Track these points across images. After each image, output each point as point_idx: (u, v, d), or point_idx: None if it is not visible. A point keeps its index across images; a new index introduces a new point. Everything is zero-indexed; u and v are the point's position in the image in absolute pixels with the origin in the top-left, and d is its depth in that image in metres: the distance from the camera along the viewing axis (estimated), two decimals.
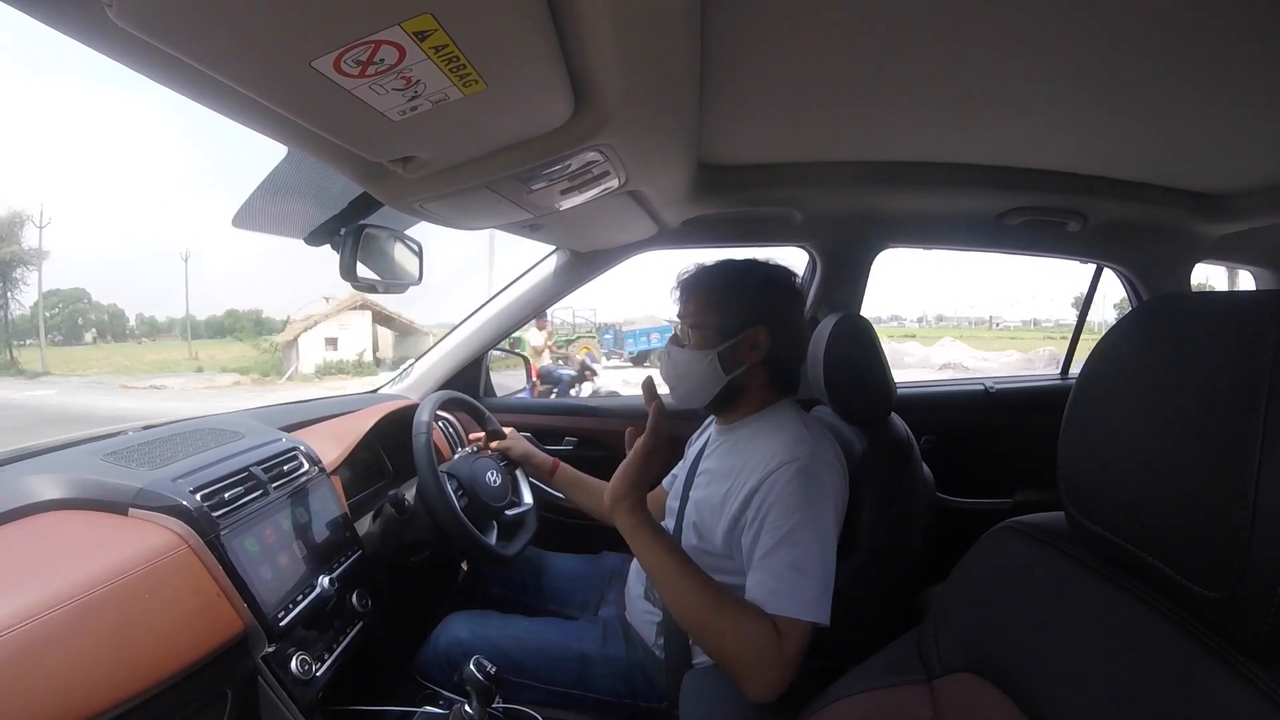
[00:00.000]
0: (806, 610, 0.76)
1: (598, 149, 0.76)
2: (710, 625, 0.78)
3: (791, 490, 0.81)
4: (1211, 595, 0.36)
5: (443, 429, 1.46)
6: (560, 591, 1.22)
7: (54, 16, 0.43)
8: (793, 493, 0.81)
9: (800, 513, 0.80)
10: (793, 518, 0.80)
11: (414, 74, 0.48)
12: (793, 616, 0.76)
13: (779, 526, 0.80)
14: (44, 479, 0.75)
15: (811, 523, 0.80)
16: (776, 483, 0.83)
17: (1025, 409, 1.67)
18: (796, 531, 0.80)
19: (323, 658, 0.83)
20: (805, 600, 0.77)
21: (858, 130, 1.07)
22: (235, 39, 0.43)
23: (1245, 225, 1.41)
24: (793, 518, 0.80)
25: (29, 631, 0.54)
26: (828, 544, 0.81)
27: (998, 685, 0.50)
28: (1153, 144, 1.09)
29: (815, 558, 0.79)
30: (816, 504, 0.81)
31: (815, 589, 0.78)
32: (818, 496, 0.82)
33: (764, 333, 0.93)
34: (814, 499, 0.81)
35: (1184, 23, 0.69)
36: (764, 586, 0.79)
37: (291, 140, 0.65)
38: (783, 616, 0.76)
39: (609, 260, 1.59)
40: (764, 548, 0.81)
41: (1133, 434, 0.43)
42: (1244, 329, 0.37)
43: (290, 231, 1.02)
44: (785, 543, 0.80)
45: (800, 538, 0.79)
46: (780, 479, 0.83)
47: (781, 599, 0.77)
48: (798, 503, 0.81)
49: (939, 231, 1.55)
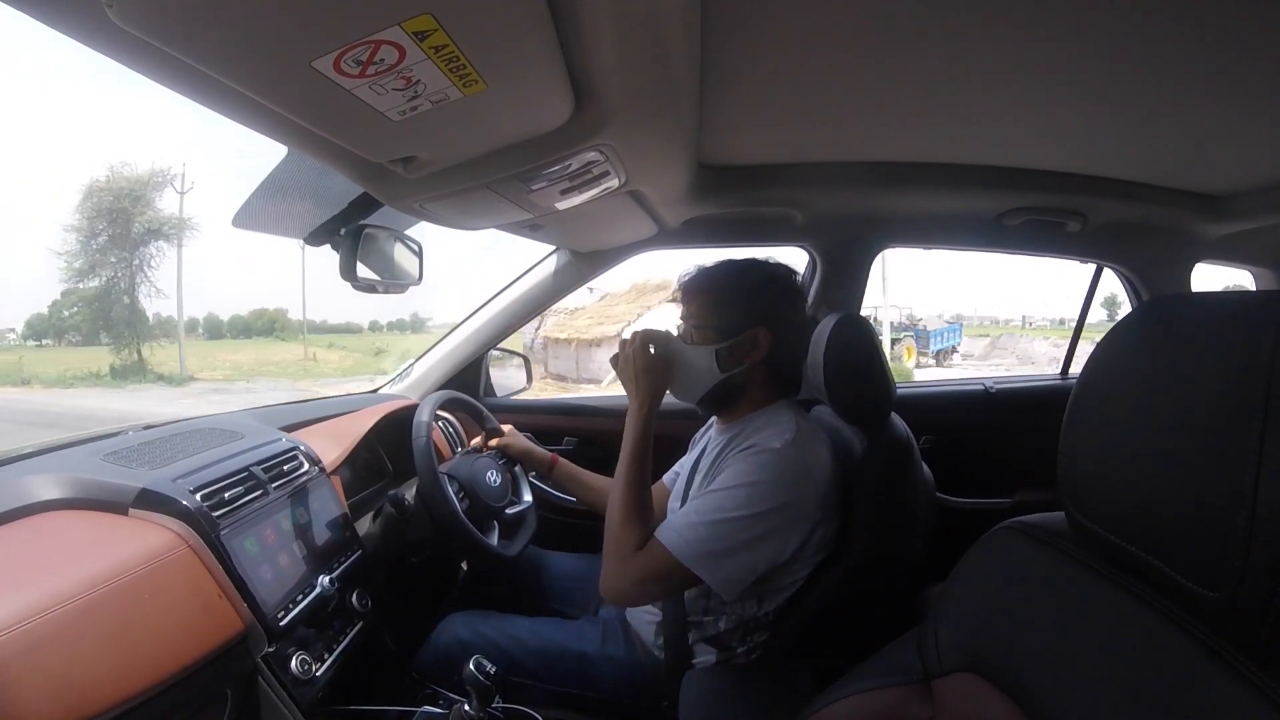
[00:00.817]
0: (683, 552, 0.82)
1: (598, 149, 0.76)
2: (613, 507, 0.90)
3: (748, 466, 0.85)
4: (1211, 595, 0.36)
5: (443, 429, 1.46)
6: (560, 591, 1.23)
7: (54, 16, 0.43)
8: (747, 467, 0.85)
9: (740, 481, 0.84)
10: (730, 482, 0.85)
11: (414, 74, 0.48)
12: (661, 541, 0.84)
13: (717, 485, 0.86)
14: (44, 479, 0.75)
15: (745, 495, 0.83)
16: (743, 455, 0.87)
17: (1025, 409, 1.67)
18: (726, 493, 0.84)
19: (323, 657, 0.83)
20: (684, 538, 0.83)
21: (858, 130, 1.07)
22: (235, 39, 0.43)
23: (1245, 225, 1.41)
24: (730, 482, 0.85)
25: (29, 631, 0.54)
26: (753, 521, 0.83)
27: (997, 685, 0.50)
28: (1153, 144, 1.09)
29: (726, 520, 0.82)
30: (763, 486, 0.83)
31: (700, 538, 0.82)
32: (769, 481, 0.83)
33: (764, 333, 0.94)
34: (762, 481, 0.83)
35: (1184, 23, 0.69)
36: (671, 518, 0.88)
37: (292, 140, 0.65)
38: (659, 543, 0.84)
39: (609, 260, 1.59)
40: (696, 493, 0.89)
41: (1133, 434, 0.43)
42: (1244, 329, 0.37)
43: (290, 231, 1.02)
44: (710, 496, 0.85)
45: (725, 499, 0.83)
46: (745, 454, 0.87)
47: (669, 532, 0.84)
48: (745, 475, 0.84)
49: (939, 232, 1.55)
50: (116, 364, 16.75)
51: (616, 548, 0.88)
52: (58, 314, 19.42)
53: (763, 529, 0.83)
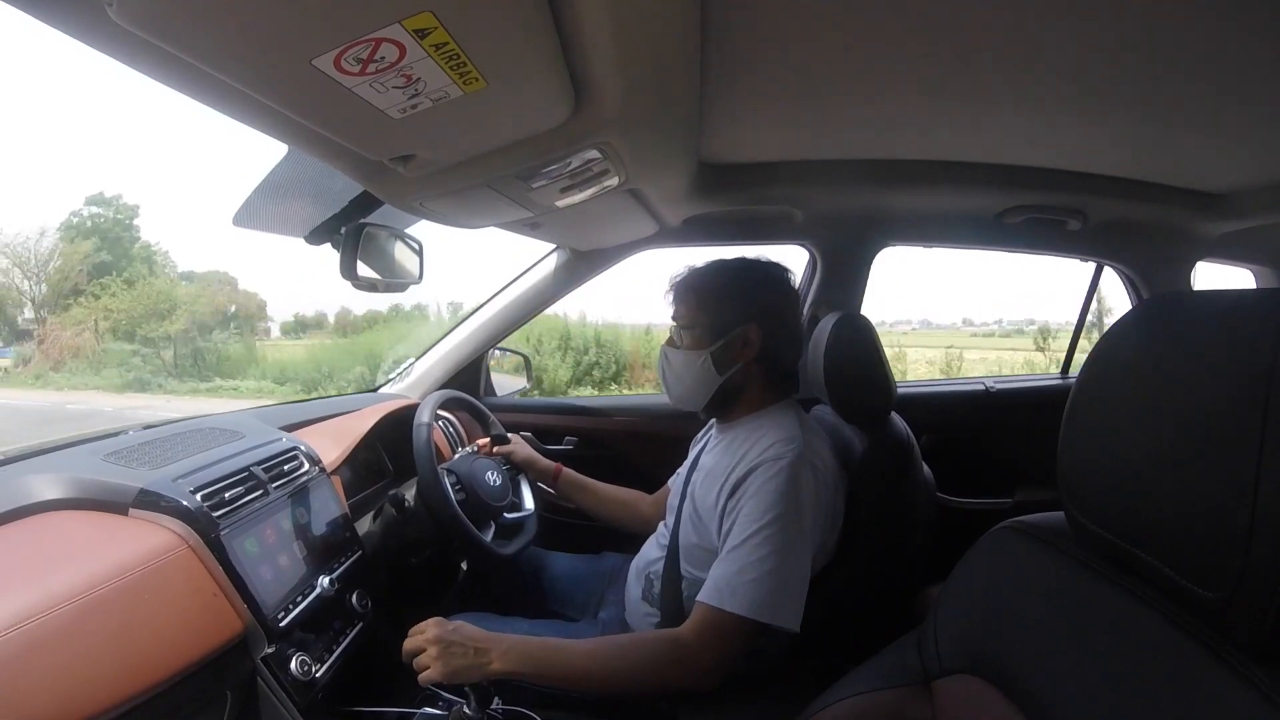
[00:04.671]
0: (754, 610, 0.77)
1: (598, 147, 0.76)
2: (620, 668, 0.79)
3: (771, 487, 0.82)
4: (1211, 595, 0.36)
5: (443, 428, 1.46)
6: (560, 592, 1.22)
7: (54, 16, 0.43)
8: (772, 490, 0.82)
9: (775, 513, 0.81)
10: (765, 516, 0.81)
11: (414, 72, 0.48)
12: (734, 614, 0.77)
13: (751, 523, 0.81)
14: (44, 479, 0.75)
15: (783, 524, 0.80)
16: (760, 477, 0.83)
17: (1025, 409, 1.67)
18: (767, 531, 0.80)
19: (323, 658, 0.83)
20: (756, 600, 0.78)
21: (858, 128, 1.07)
22: (236, 37, 0.43)
23: (1245, 224, 1.41)
24: (765, 516, 0.81)
25: (29, 632, 0.54)
26: (798, 545, 0.81)
27: (997, 686, 0.49)
28: (1153, 142, 1.09)
29: (780, 559, 0.79)
30: (794, 506, 0.81)
31: (770, 590, 0.78)
32: (797, 499, 0.82)
33: (755, 330, 0.93)
34: (793, 502, 0.82)
35: (1184, 22, 0.69)
36: (717, 581, 0.80)
37: (292, 139, 0.65)
38: (725, 612, 0.78)
39: (609, 259, 1.59)
40: (734, 541, 0.82)
41: (1133, 433, 0.43)
42: (1244, 328, 0.37)
43: (291, 230, 1.02)
44: (752, 540, 0.80)
45: (770, 538, 0.80)
46: (763, 474, 0.83)
47: (728, 596, 0.78)
48: (777, 504, 0.81)
49: (939, 230, 1.55)
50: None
51: (663, 663, 0.78)
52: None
53: (807, 549, 0.82)
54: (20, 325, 12.57)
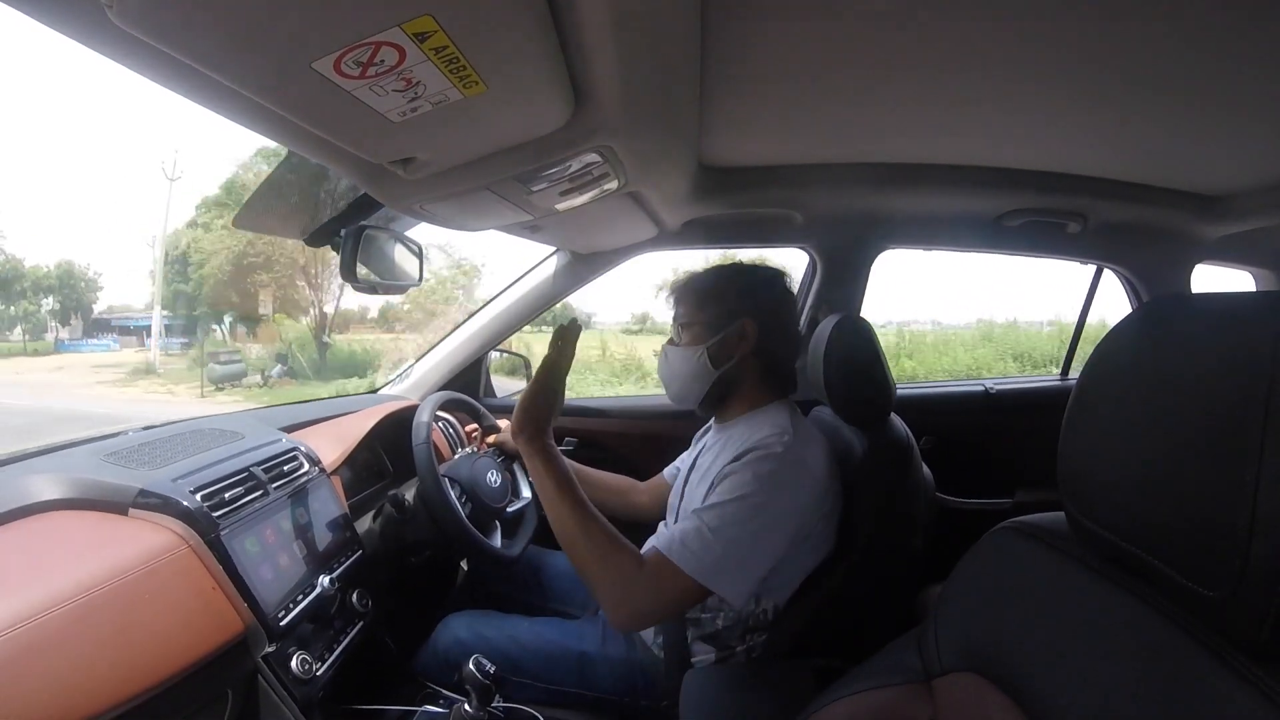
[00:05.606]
0: (695, 568, 0.79)
1: (598, 151, 0.76)
2: (580, 548, 0.83)
3: (752, 472, 0.84)
4: (1212, 596, 0.36)
5: (443, 429, 1.46)
6: (560, 590, 1.23)
7: (54, 17, 0.43)
8: (752, 475, 0.83)
9: (747, 491, 0.82)
10: (737, 492, 0.83)
11: (414, 75, 0.48)
12: (678, 566, 0.79)
13: (723, 495, 0.83)
14: (44, 479, 0.75)
15: (753, 504, 0.82)
16: (743, 461, 0.85)
17: (1025, 409, 1.67)
18: (735, 504, 0.82)
19: (323, 657, 0.83)
20: (702, 561, 0.80)
21: (858, 132, 1.08)
22: (236, 40, 0.43)
23: (1245, 226, 1.41)
24: (737, 492, 0.83)
25: (29, 632, 0.54)
26: (764, 531, 0.82)
27: (998, 685, 0.50)
28: (1153, 145, 1.09)
29: (738, 533, 0.81)
30: (770, 492, 0.83)
31: (717, 557, 0.80)
32: (774, 487, 0.83)
33: (750, 324, 0.96)
34: (769, 488, 0.83)
35: (1183, 24, 0.69)
36: (674, 533, 0.83)
37: (292, 141, 0.65)
38: (670, 562, 0.80)
39: (609, 261, 1.59)
40: (703, 506, 0.84)
41: (1133, 434, 0.43)
42: (1244, 330, 0.37)
43: (291, 232, 1.02)
44: (718, 508, 0.82)
45: (735, 511, 0.81)
46: (748, 459, 0.85)
47: (677, 548, 0.81)
48: (751, 484, 0.83)
49: (939, 233, 1.55)
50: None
51: (613, 577, 0.81)
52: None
53: (773, 538, 0.83)
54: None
